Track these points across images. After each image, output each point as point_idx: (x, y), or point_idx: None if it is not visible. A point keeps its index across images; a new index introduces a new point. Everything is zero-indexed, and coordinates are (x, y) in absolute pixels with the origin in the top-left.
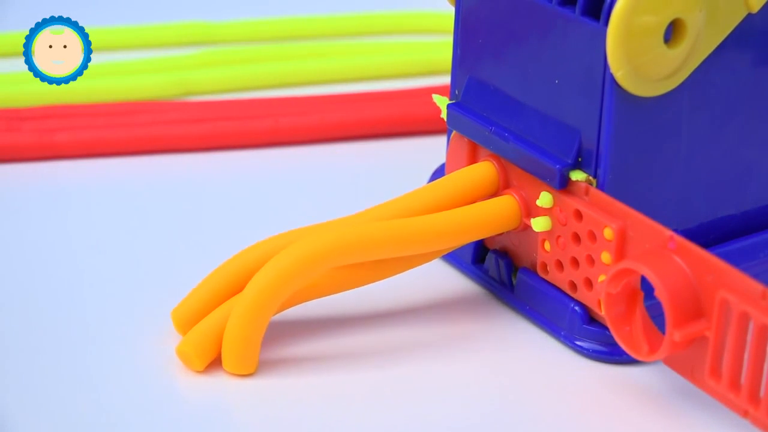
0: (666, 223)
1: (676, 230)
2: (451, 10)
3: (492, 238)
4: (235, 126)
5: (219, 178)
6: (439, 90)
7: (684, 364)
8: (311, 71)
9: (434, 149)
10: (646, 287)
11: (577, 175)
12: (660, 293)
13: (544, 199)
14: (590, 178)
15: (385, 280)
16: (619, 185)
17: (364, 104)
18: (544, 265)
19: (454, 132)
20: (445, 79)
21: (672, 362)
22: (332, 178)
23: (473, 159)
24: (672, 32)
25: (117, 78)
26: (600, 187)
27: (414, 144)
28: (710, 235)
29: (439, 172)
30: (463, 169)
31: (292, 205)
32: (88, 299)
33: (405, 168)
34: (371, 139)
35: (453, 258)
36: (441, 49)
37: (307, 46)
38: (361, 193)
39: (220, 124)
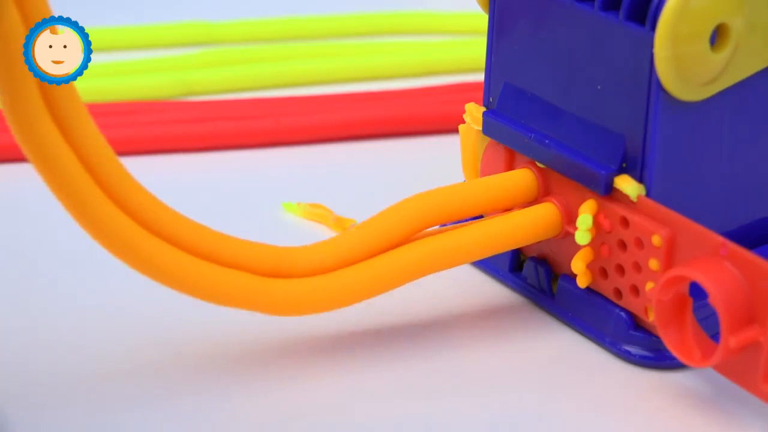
0: (706, 226)
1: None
2: (450, 11)
3: (530, 245)
4: (235, 126)
5: (219, 178)
6: (439, 90)
7: (735, 370)
8: (311, 71)
9: (435, 149)
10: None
11: (626, 185)
12: (714, 300)
13: (585, 223)
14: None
15: (421, 289)
16: (664, 190)
17: (365, 104)
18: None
19: (489, 140)
20: (445, 79)
21: (722, 368)
22: (332, 178)
23: (510, 167)
24: (716, 37)
25: (117, 78)
26: (646, 192)
27: (414, 144)
28: (750, 238)
29: None
30: (501, 174)
31: None
32: (88, 299)
33: (405, 168)
34: (372, 139)
35: (489, 266)
36: (441, 49)
37: (307, 46)
38: (362, 193)
39: (220, 124)
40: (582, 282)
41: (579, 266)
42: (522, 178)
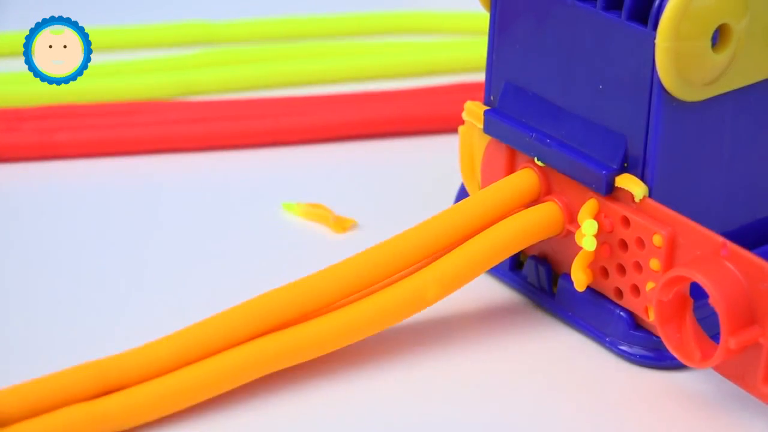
0: (707, 226)
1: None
2: (450, 11)
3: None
4: (235, 126)
5: (219, 178)
6: (439, 90)
7: (735, 370)
8: (311, 71)
9: (435, 149)
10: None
11: (632, 185)
12: (715, 301)
13: (591, 228)
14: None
15: None
16: (665, 190)
17: (365, 104)
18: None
19: (489, 139)
20: (445, 79)
21: (722, 368)
22: (332, 178)
23: (511, 166)
24: (718, 37)
25: (117, 78)
26: (647, 192)
27: (414, 144)
28: (750, 238)
29: (461, 192)
30: (503, 179)
31: None
32: (88, 299)
33: (405, 168)
34: (372, 139)
35: None
36: (441, 49)
37: (307, 46)
38: (362, 193)
39: (220, 124)
40: (579, 286)
41: (578, 275)
42: (524, 177)
